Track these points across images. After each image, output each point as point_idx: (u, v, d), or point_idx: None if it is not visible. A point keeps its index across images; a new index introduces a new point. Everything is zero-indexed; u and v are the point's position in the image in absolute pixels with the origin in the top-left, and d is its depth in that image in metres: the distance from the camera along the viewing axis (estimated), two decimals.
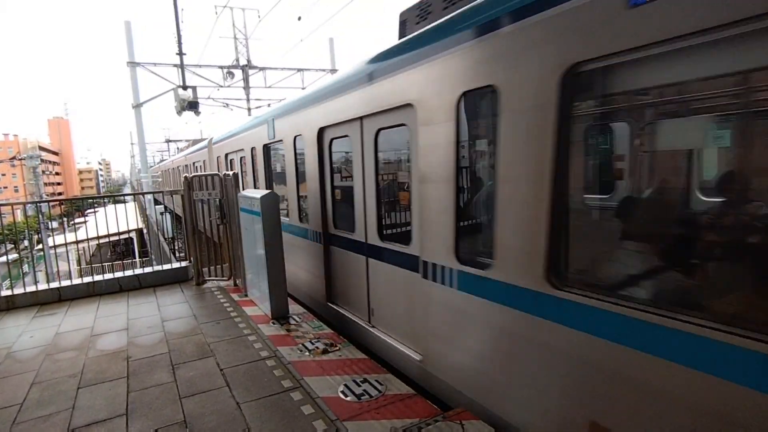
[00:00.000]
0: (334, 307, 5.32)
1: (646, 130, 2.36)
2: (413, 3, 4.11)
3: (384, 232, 4.37)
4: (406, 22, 4.16)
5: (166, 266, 7.26)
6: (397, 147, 4.21)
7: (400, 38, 4.08)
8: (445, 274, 3.33)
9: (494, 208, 2.81)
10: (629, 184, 2.51)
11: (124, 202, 32.78)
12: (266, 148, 7.27)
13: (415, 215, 3.67)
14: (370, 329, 4.54)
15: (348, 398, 3.35)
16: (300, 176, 5.96)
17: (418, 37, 3.47)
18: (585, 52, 2.20)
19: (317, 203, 5.37)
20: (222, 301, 6.04)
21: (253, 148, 7.91)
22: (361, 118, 4.39)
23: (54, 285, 6.37)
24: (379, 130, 4.19)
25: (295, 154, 5.98)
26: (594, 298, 2.27)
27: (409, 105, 3.59)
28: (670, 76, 2.06)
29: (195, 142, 20.69)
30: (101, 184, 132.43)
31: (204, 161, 13.34)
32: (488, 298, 2.94)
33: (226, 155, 10.19)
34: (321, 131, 5.16)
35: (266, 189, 6.86)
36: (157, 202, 27.15)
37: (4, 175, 76.45)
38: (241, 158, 8.97)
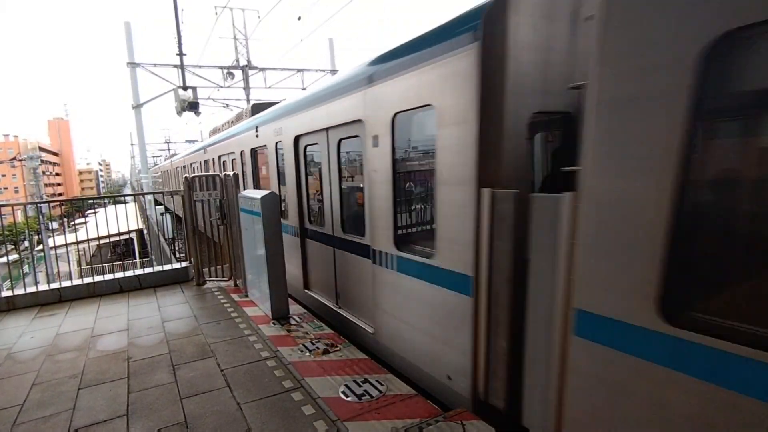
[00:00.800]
0: (310, 293, 6.01)
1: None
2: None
3: (345, 226, 5.05)
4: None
5: (167, 267, 7.26)
6: (356, 155, 4.91)
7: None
8: (388, 259, 4.02)
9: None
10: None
11: (125, 202, 32.80)
12: (253, 152, 8.09)
13: (367, 211, 4.36)
14: (338, 310, 5.25)
15: (349, 398, 3.35)
16: (281, 177, 6.63)
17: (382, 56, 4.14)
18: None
19: (295, 201, 6.05)
20: (222, 301, 6.04)
21: (242, 152, 8.69)
22: (327, 129, 5.10)
23: (54, 286, 6.37)
24: (341, 139, 4.89)
25: (277, 158, 6.71)
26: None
27: (359, 120, 4.30)
28: None
29: (195, 143, 20.70)
30: (101, 185, 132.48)
31: (201, 162, 13.98)
32: (419, 277, 3.64)
33: (219, 157, 10.97)
34: (297, 138, 5.87)
35: (253, 189, 7.48)
36: (157, 203, 27.17)
37: (4, 176, 76.43)
38: (232, 160, 9.68)
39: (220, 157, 10.90)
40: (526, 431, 2.73)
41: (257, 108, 9.35)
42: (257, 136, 7.52)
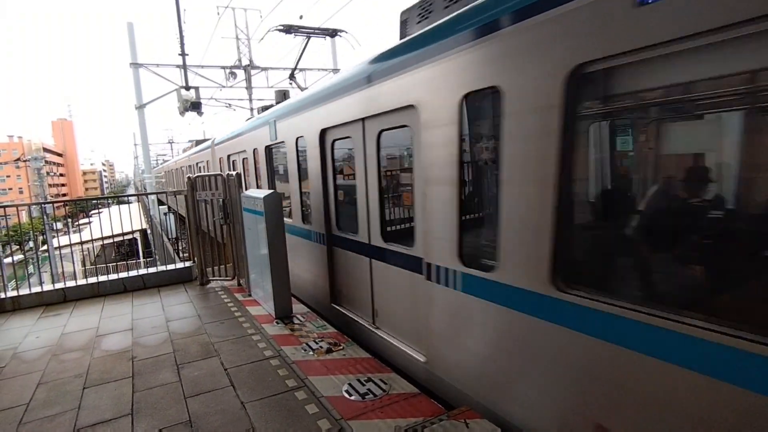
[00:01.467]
0: (338, 308, 5.28)
1: (649, 130, 2.42)
2: (414, 2, 4.09)
3: (386, 233, 4.33)
4: (407, 21, 4.14)
5: (170, 266, 7.29)
6: (401, 147, 4.20)
7: (401, 38, 4.07)
8: (450, 277, 3.30)
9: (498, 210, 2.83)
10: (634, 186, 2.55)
11: (128, 202, 32.90)
12: (268, 150, 7.28)
13: (419, 216, 3.67)
14: (375, 330, 4.52)
15: (352, 397, 3.35)
16: (302, 177, 5.97)
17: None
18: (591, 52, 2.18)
19: (320, 204, 5.35)
20: (226, 300, 6.05)
21: (255, 150, 7.94)
22: (363, 120, 4.39)
23: (59, 286, 6.41)
24: (382, 131, 4.18)
25: (297, 155, 5.99)
26: (598, 300, 2.26)
27: (410, 107, 3.60)
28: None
29: (198, 142, 20.74)
30: (105, 186, 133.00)
31: (207, 162, 13.42)
32: (492, 300, 2.93)
33: (228, 156, 10.27)
34: (323, 133, 5.16)
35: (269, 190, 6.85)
36: (160, 203, 27.25)
37: (8, 176, 76.86)
38: (243, 159, 9.01)
39: (229, 156, 10.32)
40: None
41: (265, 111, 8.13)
42: (274, 131, 6.70)
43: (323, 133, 5.15)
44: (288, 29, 7.00)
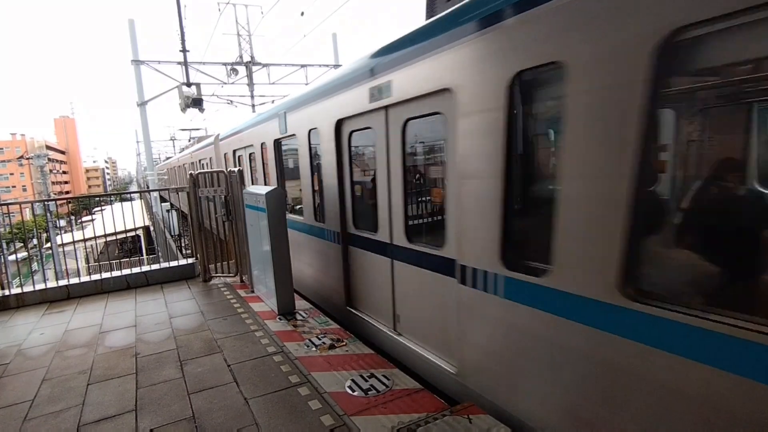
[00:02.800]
0: (355, 312, 5.02)
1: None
2: None
3: (411, 232, 4.01)
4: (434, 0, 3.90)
5: (173, 263, 7.30)
6: (429, 138, 3.91)
7: (427, 18, 3.76)
8: (490, 281, 2.97)
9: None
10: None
11: (131, 200, 32.98)
12: (277, 144, 6.89)
13: (456, 214, 3.28)
14: (396, 337, 4.25)
15: (355, 393, 3.35)
16: (315, 171, 5.65)
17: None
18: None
19: (335, 200, 5.03)
20: (229, 297, 6.06)
21: (262, 144, 7.60)
22: (386, 108, 4.03)
23: (63, 283, 6.43)
24: (408, 119, 3.83)
25: (309, 149, 5.65)
26: (672, 310, 1.95)
27: (446, 90, 3.22)
28: None
29: (200, 139, 20.72)
30: (108, 183, 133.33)
31: (210, 158, 13.10)
32: (543, 308, 2.60)
33: (234, 152, 9.92)
34: (339, 123, 4.81)
35: (277, 185, 6.77)
36: (163, 200, 27.31)
37: (12, 174, 77.13)
38: (249, 154, 8.63)
39: (234, 151, 10.01)
40: None
41: None
42: (284, 124, 6.31)
43: (339, 123, 4.81)
44: None
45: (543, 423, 2.67)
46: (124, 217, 9.08)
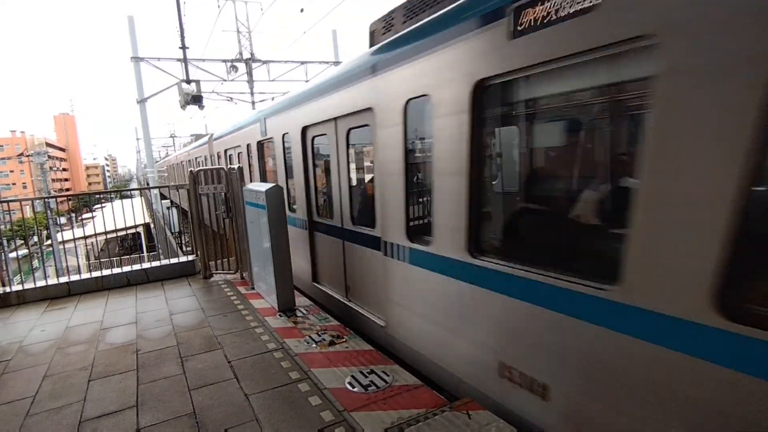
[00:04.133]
0: (318, 286, 5.91)
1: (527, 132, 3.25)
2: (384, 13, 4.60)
3: (355, 218, 4.94)
4: (374, 32, 4.63)
5: (174, 260, 7.32)
6: (367, 144, 4.78)
7: (370, 45, 4.56)
8: (400, 251, 3.92)
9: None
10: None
11: (131, 197, 33.00)
12: (260, 145, 7.89)
13: (377, 203, 4.27)
14: (346, 300, 5.23)
15: (355, 389, 3.37)
16: (288, 170, 6.52)
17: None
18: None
19: (303, 194, 5.93)
20: (229, 294, 6.08)
21: (248, 144, 8.54)
22: (335, 119, 4.96)
23: (63, 280, 6.45)
24: (350, 129, 4.77)
25: (284, 150, 6.55)
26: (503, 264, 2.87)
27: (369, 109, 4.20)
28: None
29: (198, 137, 20.77)
30: (108, 180, 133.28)
31: (206, 156, 13.85)
32: (429, 268, 3.59)
33: (225, 151, 10.84)
34: (304, 130, 5.73)
35: (259, 182, 7.37)
36: (163, 197, 27.30)
37: (12, 171, 77.12)
38: (238, 154, 9.55)
39: (226, 150, 10.58)
40: None
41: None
42: (264, 128, 7.00)
43: (305, 129, 5.74)
44: None
45: (433, 351, 3.68)
46: (124, 215, 9.10)
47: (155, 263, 7.19)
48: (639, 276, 2.08)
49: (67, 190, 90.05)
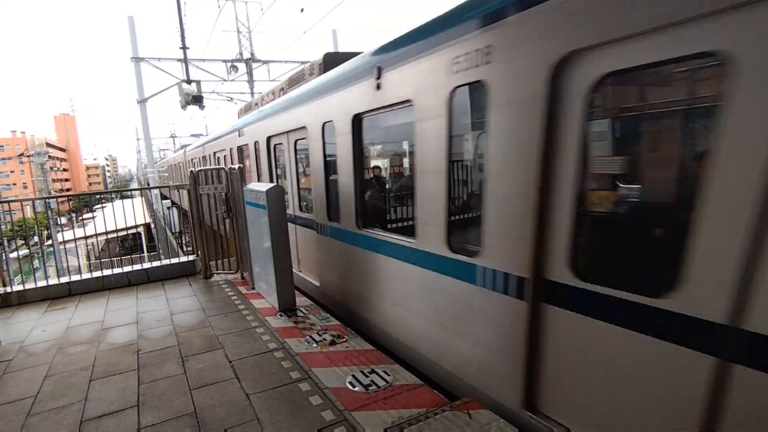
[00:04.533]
0: None
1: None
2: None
3: (302, 207, 6.51)
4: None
5: (174, 260, 7.32)
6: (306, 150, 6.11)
7: (324, 72, 5.67)
8: (325, 229, 5.44)
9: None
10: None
11: (131, 197, 32.99)
12: (240, 149, 9.19)
13: (314, 193, 5.76)
14: (299, 273, 6.62)
15: (356, 389, 3.38)
16: (258, 169, 8.00)
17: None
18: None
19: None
20: (229, 294, 6.08)
21: (231, 149, 10.12)
22: (288, 132, 6.41)
23: (64, 280, 6.45)
24: (297, 140, 6.22)
25: (256, 155, 8.02)
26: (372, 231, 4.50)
27: (304, 127, 5.69)
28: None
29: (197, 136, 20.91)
30: (108, 180, 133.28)
31: (201, 158, 15.19)
32: (337, 239, 5.15)
33: (214, 153, 12.59)
34: (269, 139, 7.16)
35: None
36: (163, 197, 27.29)
37: (12, 172, 77.10)
38: (224, 156, 11.18)
39: (215, 153, 12.24)
40: None
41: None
42: (242, 136, 8.54)
43: (269, 139, 7.21)
44: None
45: (341, 297, 5.33)
46: (125, 215, 9.11)
47: (156, 263, 7.20)
48: (340, 215, 5.09)
49: (68, 190, 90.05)
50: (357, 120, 4.42)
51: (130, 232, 24.41)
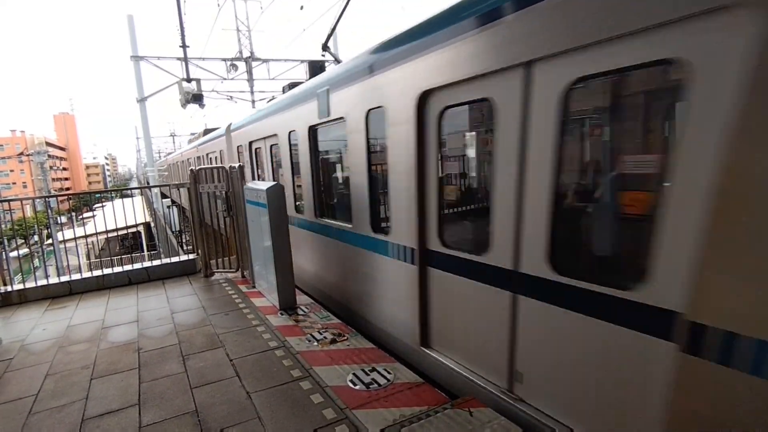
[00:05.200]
0: None
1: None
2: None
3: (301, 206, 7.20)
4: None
5: (174, 259, 7.32)
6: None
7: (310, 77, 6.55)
8: (298, 222, 6.33)
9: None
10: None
11: (131, 196, 33.00)
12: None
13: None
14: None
15: (357, 387, 3.38)
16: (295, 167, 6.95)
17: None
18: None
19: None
20: (230, 292, 6.08)
21: (221, 150, 11.22)
22: (265, 138, 7.48)
23: (65, 279, 6.44)
24: (272, 145, 7.21)
25: (238, 157, 9.68)
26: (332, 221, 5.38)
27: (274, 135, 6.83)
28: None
29: (207, 131, 20.61)
30: (108, 179, 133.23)
31: (197, 157, 14.45)
32: (308, 229, 6.06)
33: (207, 154, 13.35)
34: (251, 143, 8.42)
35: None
36: (164, 196, 27.29)
37: (12, 171, 77.06)
38: (215, 156, 11.82)
39: (207, 154, 12.91)
40: None
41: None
42: (229, 140, 9.81)
43: (251, 143, 8.55)
44: None
45: (317, 284, 6.09)
46: (125, 214, 9.10)
47: (156, 262, 7.20)
48: (308, 209, 6.01)
49: (68, 189, 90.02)
50: (312, 130, 5.53)
51: (130, 231, 24.40)
